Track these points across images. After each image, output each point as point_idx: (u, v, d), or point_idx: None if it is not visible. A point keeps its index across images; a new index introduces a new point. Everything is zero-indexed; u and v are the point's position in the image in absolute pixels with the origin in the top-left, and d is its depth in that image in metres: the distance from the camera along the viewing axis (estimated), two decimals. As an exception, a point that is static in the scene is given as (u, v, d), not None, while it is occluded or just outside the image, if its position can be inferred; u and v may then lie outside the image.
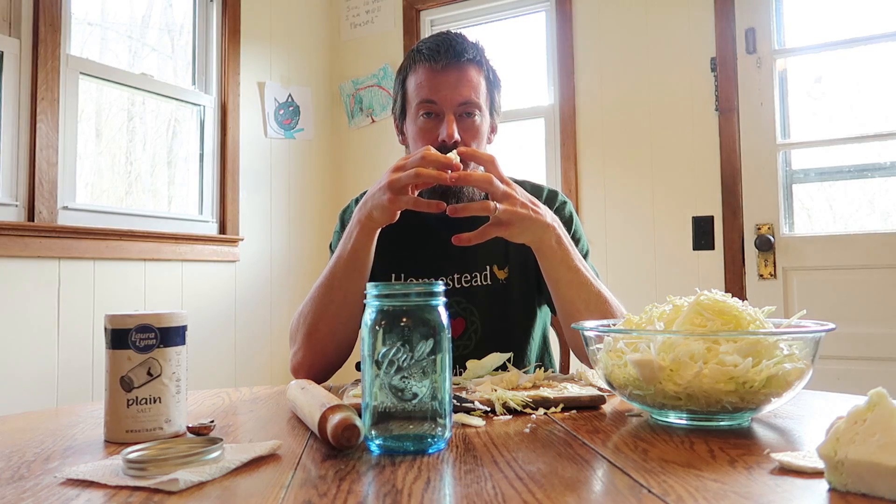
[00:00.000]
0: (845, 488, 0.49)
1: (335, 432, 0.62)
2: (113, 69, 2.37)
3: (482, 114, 1.24)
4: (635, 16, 2.72)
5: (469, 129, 1.21)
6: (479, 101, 1.22)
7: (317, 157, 3.22)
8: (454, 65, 1.20)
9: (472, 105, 1.21)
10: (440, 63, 1.19)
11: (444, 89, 1.19)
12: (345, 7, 3.34)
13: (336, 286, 1.12)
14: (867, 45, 2.42)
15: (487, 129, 1.27)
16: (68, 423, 0.81)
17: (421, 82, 1.21)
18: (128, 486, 0.53)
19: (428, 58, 1.21)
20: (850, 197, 2.52)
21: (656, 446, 0.64)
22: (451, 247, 1.12)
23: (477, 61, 1.23)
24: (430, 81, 1.20)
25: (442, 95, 1.19)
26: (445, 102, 1.19)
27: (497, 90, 1.29)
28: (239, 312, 2.75)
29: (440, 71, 1.19)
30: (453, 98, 1.19)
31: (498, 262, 1.26)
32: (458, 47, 1.21)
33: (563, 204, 1.32)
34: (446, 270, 1.26)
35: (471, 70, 1.22)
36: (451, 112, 1.19)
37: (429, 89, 1.20)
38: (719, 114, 2.55)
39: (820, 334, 0.71)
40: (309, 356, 1.15)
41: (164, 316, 0.72)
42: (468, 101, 1.20)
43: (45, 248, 2.04)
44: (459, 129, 1.19)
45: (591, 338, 0.80)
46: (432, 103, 1.20)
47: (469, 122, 1.21)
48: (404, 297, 0.65)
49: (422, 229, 1.28)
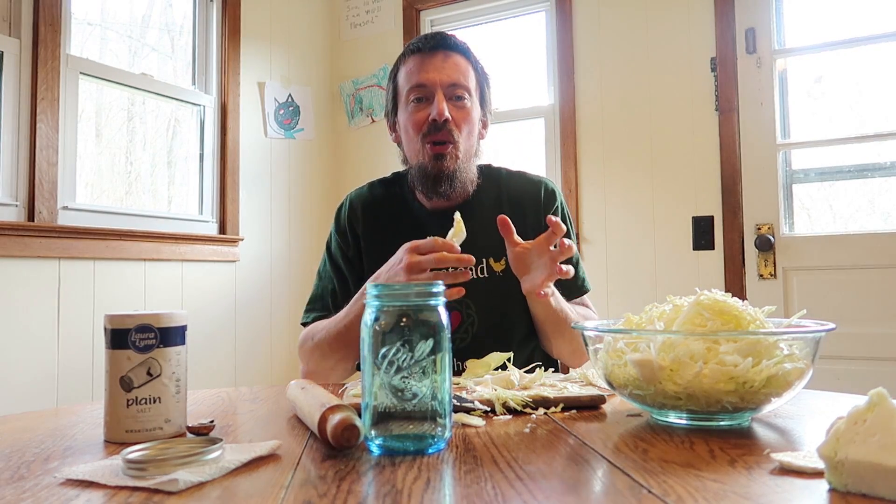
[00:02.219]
0: (845, 488, 0.49)
1: (335, 432, 0.62)
2: (113, 69, 2.37)
3: (472, 100, 1.25)
4: (635, 16, 2.72)
5: (460, 110, 1.22)
6: (469, 86, 1.24)
7: (317, 157, 3.22)
8: (442, 49, 1.23)
9: (462, 87, 1.22)
10: (428, 47, 1.22)
11: (433, 71, 1.21)
12: (345, 7, 3.34)
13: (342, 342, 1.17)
14: (867, 45, 2.42)
15: (478, 117, 1.28)
16: (68, 423, 0.81)
17: (410, 69, 1.23)
18: (127, 486, 0.53)
19: (415, 48, 1.24)
20: (850, 197, 2.52)
21: (656, 446, 0.64)
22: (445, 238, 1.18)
23: (464, 51, 1.26)
24: (419, 66, 1.22)
25: (431, 77, 1.21)
26: (434, 82, 1.21)
27: (487, 85, 1.30)
28: (239, 312, 2.75)
29: (428, 54, 1.22)
30: (442, 78, 1.21)
31: (494, 254, 1.25)
32: (447, 38, 1.25)
33: (557, 203, 1.33)
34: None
35: (458, 57, 1.24)
36: (440, 91, 1.20)
37: (418, 73, 1.22)
38: (719, 114, 2.55)
39: (820, 334, 0.71)
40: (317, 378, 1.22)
41: (163, 316, 0.72)
42: (457, 82, 1.22)
43: (45, 248, 2.04)
44: (450, 110, 1.20)
45: (591, 338, 0.80)
46: (422, 87, 1.21)
47: (459, 104, 1.22)
48: (404, 297, 0.65)
49: (413, 224, 1.29)
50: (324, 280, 1.34)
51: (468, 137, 1.24)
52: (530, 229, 1.27)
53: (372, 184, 1.39)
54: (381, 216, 1.31)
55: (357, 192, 1.38)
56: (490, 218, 1.27)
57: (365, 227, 1.31)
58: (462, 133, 1.22)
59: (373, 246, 1.29)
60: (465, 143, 1.22)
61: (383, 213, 1.32)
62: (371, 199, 1.35)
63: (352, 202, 1.35)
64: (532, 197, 1.31)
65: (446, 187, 1.23)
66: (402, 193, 1.34)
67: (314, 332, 1.24)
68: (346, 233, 1.32)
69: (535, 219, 1.28)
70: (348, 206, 1.35)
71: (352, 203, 1.35)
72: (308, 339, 1.25)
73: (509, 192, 1.32)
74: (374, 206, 1.33)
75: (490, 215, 1.28)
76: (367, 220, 1.32)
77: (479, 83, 1.27)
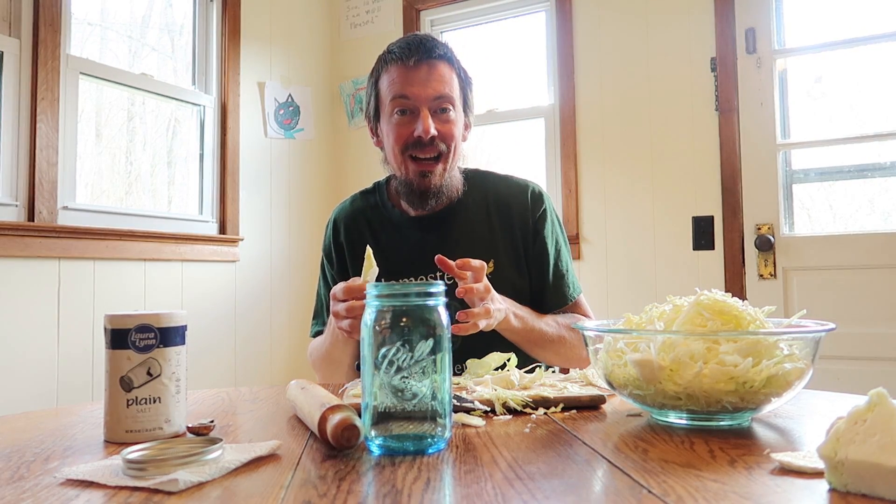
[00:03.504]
0: (845, 488, 0.49)
1: (335, 432, 0.62)
2: (113, 69, 2.36)
3: (456, 109, 1.25)
4: (635, 16, 2.72)
5: (445, 123, 1.23)
6: (453, 95, 1.24)
7: (317, 157, 3.22)
8: (425, 60, 1.22)
9: (446, 99, 1.23)
10: (411, 59, 1.21)
11: (417, 84, 1.21)
12: (345, 7, 3.34)
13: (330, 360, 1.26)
14: (867, 45, 2.42)
15: (462, 125, 1.29)
16: (68, 423, 0.81)
17: (393, 79, 1.23)
18: (127, 486, 0.53)
19: (399, 57, 1.23)
20: (850, 197, 2.52)
21: (656, 446, 0.64)
22: (431, 244, 1.25)
23: (447, 58, 1.25)
24: (403, 78, 1.22)
25: (415, 91, 1.21)
26: (419, 98, 1.21)
27: (469, 88, 1.31)
28: (239, 312, 2.75)
29: (412, 67, 1.21)
30: (426, 93, 1.21)
31: (482, 257, 1.24)
32: (429, 44, 1.23)
33: (544, 207, 1.34)
34: (428, 268, 1.24)
35: (442, 66, 1.24)
36: (425, 107, 1.21)
37: (401, 85, 1.22)
38: (719, 114, 2.55)
39: (820, 334, 0.71)
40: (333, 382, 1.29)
41: (163, 316, 0.72)
42: (441, 95, 1.22)
43: (45, 248, 2.03)
44: (435, 124, 1.21)
45: (591, 338, 0.80)
46: (405, 98, 1.21)
47: (444, 117, 1.23)
48: (404, 297, 0.65)
49: (393, 232, 1.33)
50: (319, 296, 1.41)
51: (455, 149, 1.26)
52: (518, 232, 1.30)
53: (354, 196, 1.43)
54: (363, 227, 1.36)
55: (340, 206, 1.43)
56: (476, 222, 1.31)
57: (347, 242, 1.36)
58: (449, 146, 1.24)
59: (356, 258, 1.33)
60: (451, 157, 1.25)
61: (364, 225, 1.36)
62: (352, 211, 1.39)
63: (335, 220, 1.40)
64: (519, 201, 1.33)
65: (433, 202, 1.26)
66: (382, 202, 1.37)
67: (313, 349, 1.34)
68: (332, 251, 1.38)
69: (522, 222, 1.31)
70: (332, 224, 1.41)
71: (335, 220, 1.40)
72: (310, 354, 1.35)
73: (496, 196, 1.34)
74: (355, 218, 1.38)
75: (476, 219, 1.31)
76: (349, 233, 1.36)
77: (462, 88, 1.28)
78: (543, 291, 1.30)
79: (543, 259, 1.30)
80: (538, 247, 1.31)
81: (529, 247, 1.30)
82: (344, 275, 1.34)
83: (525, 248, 1.30)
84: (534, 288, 1.31)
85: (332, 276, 1.37)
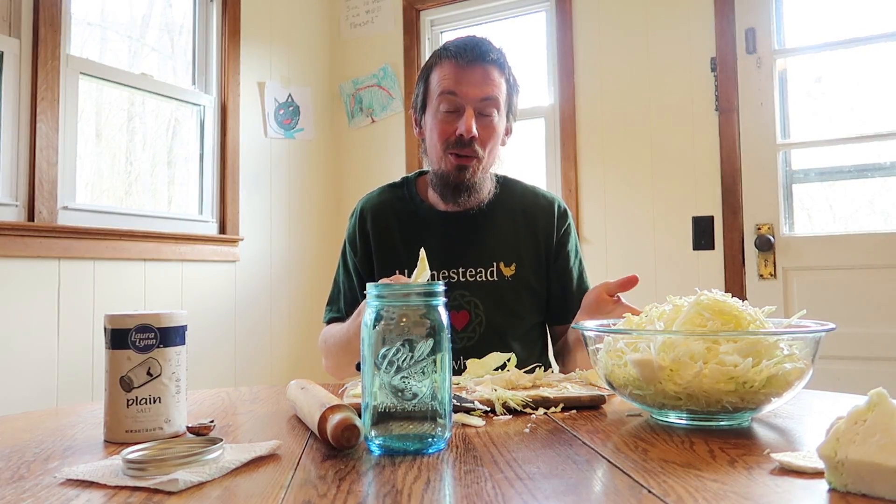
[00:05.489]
0: (845, 488, 0.49)
1: (335, 432, 0.62)
2: (113, 69, 2.36)
3: (500, 114, 1.28)
4: (635, 16, 2.72)
5: (487, 127, 1.25)
6: (499, 99, 1.26)
7: (317, 157, 3.22)
8: (479, 62, 1.24)
9: (492, 103, 1.25)
10: (465, 59, 1.24)
11: (466, 84, 1.23)
12: (345, 7, 3.34)
13: (345, 350, 1.25)
14: (867, 45, 2.42)
15: (503, 129, 1.31)
16: (68, 423, 0.81)
17: (445, 75, 1.26)
18: (127, 486, 0.53)
19: (454, 54, 1.25)
20: (850, 197, 2.52)
21: (656, 446, 0.64)
22: (457, 241, 1.29)
23: (500, 63, 1.28)
24: (454, 75, 1.24)
25: (464, 90, 1.23)
26: (466, 97, 1.23)
27: (515, 94, 1.33)
28: (239, 312, 2.75)
29: (465, 66, 1.24)
30: (475, 93, 1.23)
31: (505, 259, 1.31)
32: (484, 48, 1.26)
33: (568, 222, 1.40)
34: (451, 263, 1.30)
35: (493, 70, 1.26)
36: (471, 107, 1.23)
37: (452, 81, 1.24)
38: (719, 114, 2.55)
39: (820, 334, 0.71)
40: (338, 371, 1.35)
41: (163, 316, 0.72)
42: (489, 97, 1.24)
43: (45, 248, 2.03)
44: (477, 126, 1.23)
45: (591, 338, 0.80)
46: (454, 95, 1.24)
47: (487, 121, 1.25)
48: (404, 297, 0.65)
49: (421, 226, 1.34)
50: (338, 283, 1.42)
51: (491, 152, 1.28)
52: (542, 241, 1.35)
53: (382, 188, 1.44)
54: (390, 220, 1.36)
55: (368, 196, 1.43)
56: (502, 224, 1.34)
57: (374, 232, 1.36)
58: (486, 149, 1.26)
59: (382, 249, 1.34)
60: (487, 158, 1.27)
61: (392, 217, 1.37)
62: (380, 203, 1.40)
63: (362, 209, 1.40)
64: (546, 213, 1.37)
65: (465, 197, 1.28)
66: (410, 195, 1.39)
67: (328, 336, 1.33)
68: (356, 240, 1.38)
69: (547, 234, 1.35)
70: (358, 213, 1.40)
71: (362, 210, 1.40)
72: (324, 339, 1.35)
73: (524, 205, 1.38)
74: (383, 209, 1.38)
75: (502, 222, 1.34)
76: (376, 225, 1.37)
77: (509, 94, 1.30)
78: (568, 302, 1.33)
79: (567, 273, 1.36)
80: (562, 261, 1.36)
81: (552, 258, 1.35)
82: (367, 264, 1.35)
83: (547, 258, 1.35)
84: (555, 297, 1.35)
85: (355, 264, 1.37)
